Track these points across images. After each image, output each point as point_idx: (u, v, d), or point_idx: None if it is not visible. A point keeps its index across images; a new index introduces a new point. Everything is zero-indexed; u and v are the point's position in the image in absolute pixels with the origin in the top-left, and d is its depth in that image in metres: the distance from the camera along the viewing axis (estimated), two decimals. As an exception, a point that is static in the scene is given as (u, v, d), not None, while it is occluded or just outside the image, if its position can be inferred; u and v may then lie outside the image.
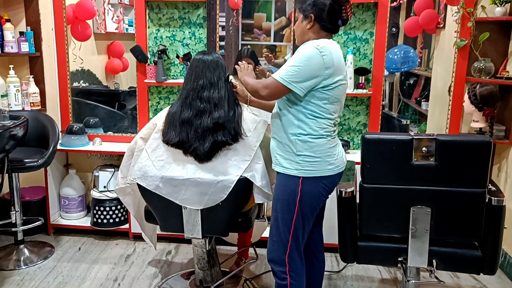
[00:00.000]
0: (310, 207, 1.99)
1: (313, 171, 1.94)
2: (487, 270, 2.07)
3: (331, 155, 1.96)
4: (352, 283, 2.80)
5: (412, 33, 3.44)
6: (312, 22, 1.93)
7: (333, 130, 1.99)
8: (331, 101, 1.92)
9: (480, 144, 1.93)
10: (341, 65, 1.92)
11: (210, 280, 2.54)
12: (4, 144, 2.58)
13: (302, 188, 1.95)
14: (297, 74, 1.85)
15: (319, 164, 1.94)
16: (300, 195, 1.95)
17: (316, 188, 1.96)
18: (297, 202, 1.96)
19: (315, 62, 1.84)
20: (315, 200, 2.00)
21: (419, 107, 3.72)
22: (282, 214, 2.00)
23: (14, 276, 2.80)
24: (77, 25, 3.40)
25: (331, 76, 1.87)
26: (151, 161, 2.19)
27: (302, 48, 1.90)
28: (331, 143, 1.97)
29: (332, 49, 1.88)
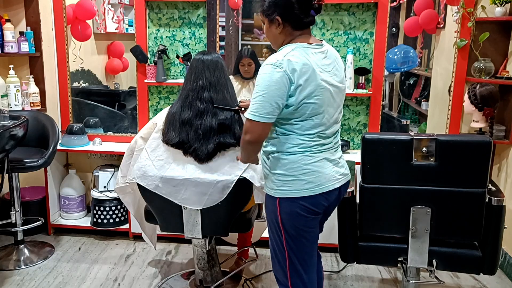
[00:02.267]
0: (294, 228, 1.77)
1: (287, 191, 1.73)
2: (487, 270, 2.07)
3: (308, 173, 1.71)
4: (352, 283, 2.80)
5: (412, 33, 3.44)
6: (281, 24, 1.69)
7: (317, 144, 1.73)
8: (306, 118, 1.68)
9: (480, 144, 1.93)
10: (313, 75, 1.64)
11: (210, 280, 2.54)
12: (4, 144, 2.58)
13: (280, 209, 1.75)
14: (264, 103, 1.61)
15: (293, 183, 1.72)
16: (280, 217, 1.76)
17: (294, 210, 1.74)
18: (280, 224, 1.77)
19: (275, 81, 1.60)
20: (297, 221, 1.76)
21: (419, 107, 3.72)
22: (273, 235, 1.84)
23: (14, 276, 2.80)
24: (77, 25, 3.40)
25: (296, 93, 1.63)
26: (151, 160, 2.19)
27: (261, 69, 1.65)
28: (310, 159, 1.72)
29: (296, 58, 1.62)
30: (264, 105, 1.61)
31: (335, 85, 1.74)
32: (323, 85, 1.67)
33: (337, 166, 1.81)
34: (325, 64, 1.71)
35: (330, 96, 1.72)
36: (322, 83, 1.67)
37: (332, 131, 1.78)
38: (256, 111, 1.63)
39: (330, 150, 1.78)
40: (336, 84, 1.74)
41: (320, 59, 1.69)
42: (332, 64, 1.74)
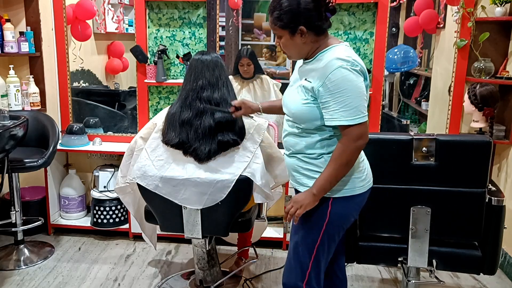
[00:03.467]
0: (338, 229, 1.79)
1: (345, 189, 1.73)
2: (487, 270, 2.07)
3: (361, 170, 1.77)
4: (352, 283, 2.80)
5: (412, 33, 3.44)
6: (305, 33, 1.65)
7: None
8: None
9: (480, 144, 1.93)
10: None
11: (210, 280, 2.54)
12: (4, 144, 2.58)
13: (331, 209, 1.73)
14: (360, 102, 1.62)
15: (350, 182, 1.74)
16: (328, 217, 1.74)
17: (346, 209, 1.77)
18: (324, 225, 1.75)
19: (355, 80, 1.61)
20: (345, 222, 1.80)
21: (419, 107, 3.72)
22: (304, 237, 1.79)
23: (14, 276, 2.80)
24: (77, 25, 3.40)
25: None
26: (151, 160, 2.19)
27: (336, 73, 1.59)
28: (361, 157, 1.78)
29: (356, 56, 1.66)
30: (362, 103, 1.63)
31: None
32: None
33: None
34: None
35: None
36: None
37: None
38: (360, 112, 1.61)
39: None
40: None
41: None
42: None
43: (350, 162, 1.67)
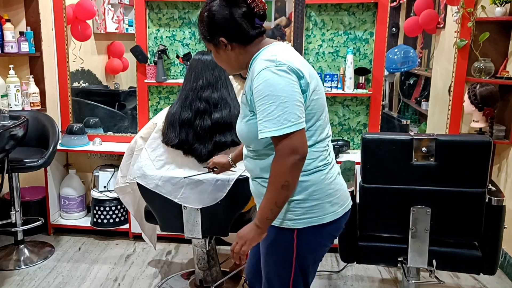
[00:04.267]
0: (312, 262, 1.58)
1: (312, 218, 1.49)
2: (487, 270, 2.07)
3: (331, 193, 1.51)
4: (352, 283, 2.80)
5: (412, 33, 3.44)
6: (228, 45, 1.48)
7: (328, 156, 1.54)
8: (316, 120, 1.48)
9: (480, 144, 1.93)
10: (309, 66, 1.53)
11: (210, 280, 2.54)
12: (4, 144, 2.58)
13: (297, 242, 1.50)
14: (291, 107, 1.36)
15: (318, 208, 1.49)
16: (295, 251, 1.51)
17: (316, 240, 1.53)
18: (292, 260, 1.52)
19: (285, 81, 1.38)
20: (317, 253, 1.58)
21: (419, 107, 3.72)
22: (278, 276, 1.58)
23: (14, 276, 2.80)
24: (77, 25, 3.40)
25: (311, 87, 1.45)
26: (151, 160, 2.19)
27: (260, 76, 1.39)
28: (330, 177, 1.52)
29: (291, 54, 1.47)
30: (292, 109, 1.36)
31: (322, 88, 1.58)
32: (314, 75, 1.52)
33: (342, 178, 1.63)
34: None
35: (323, 99, 1.54)
36: (312, 71, 1.52)
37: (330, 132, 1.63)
38: (287, 121, 1.35)
39: (335, 161, 1.59)
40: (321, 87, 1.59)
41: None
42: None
43: (289, 184, 1.39)
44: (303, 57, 3.13)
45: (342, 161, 2.75)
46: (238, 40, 1.49)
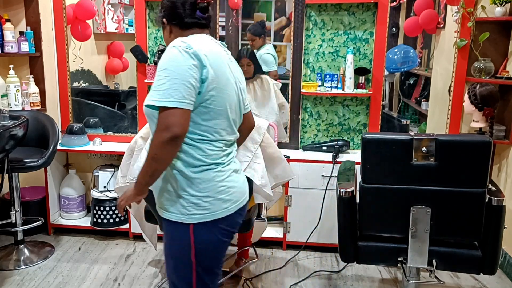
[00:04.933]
0: (211, 259, 1.58)
1: (203, 214, 1.51)
2: (487, 270, 2.07)
3: (222, 190, 1.53)
4: (352, 283, 2.80)
5: (412, 33, 3.44)
6: (168, 26, 1.62)
7: (225, 154, 1.57)
8: (213, 117, 1.50)
9: (480, 144, 1.93)
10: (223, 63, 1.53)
11: (210, 280, 2.53)
12: (4, 144, 2.58)
13: (195, 238, 1.51)
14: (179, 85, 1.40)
15: (210, 205, 1.51)
16: (194, 248, 1.52)
17: (213, 235, 1.54)
18: (192, 257, 1.54)
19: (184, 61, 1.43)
20: (217, 249, 1.59)
21: (419, 107, 3.72)
22: (178, 274, 1.59)
23: (14, 276, 2.80)
24: (77, 25, 3.40)
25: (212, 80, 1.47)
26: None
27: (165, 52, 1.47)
28: (222, 174, 1.54)
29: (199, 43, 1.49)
30: (179, 87, 1.39)
31: (241, 87, 1.64)
32: (230, 80, 1.55)
33: (243, 176, 1.69)
34: (231, 62, 1.63)
35: (236, 96, 1.59)
36: (229, 77, 1.55)
37: (235, 138, 1.65)
38: (169, 95, 1.38)
39: (234, 160, 1.65)
40: (240, 86, 1.64)
41: (226, 54, 1.61)
42: (236, 68, 1.66)
43: (158, 158, 1.41)
44: (303, 57, 3.16)
45: (342, 161, 2.75)
46: (175, 24, 1.61)
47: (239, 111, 1.66)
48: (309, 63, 3.24)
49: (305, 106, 3.29)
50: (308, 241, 3.07)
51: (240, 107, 1.66)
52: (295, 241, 3.12)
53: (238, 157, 2.16)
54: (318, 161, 3.01)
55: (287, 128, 3.30)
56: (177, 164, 1.50)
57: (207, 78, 1.45)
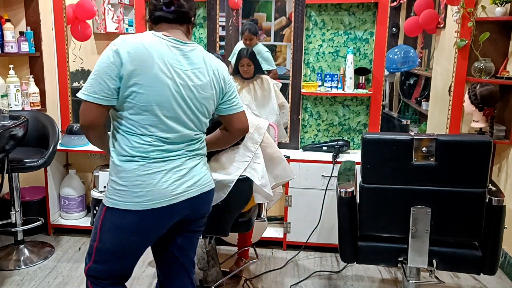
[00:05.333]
0: (112, 243, 1.64)
1: (116, 201, 1.58)
2: (487, 270, 2.06)
3: (138, 185, 1.56)
4: (352, 283, 2.80)
5: (412, 33, 3.44)
6: (147, 22, 1.74)
7: (158, 150, 1.59)
8: (138, 112, 1.56)
9: (480, 144, 1.93)
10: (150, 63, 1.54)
11: (210, 280, 2.53)
12: (4, 144, 2.58)
13: (103, 218, 1.62)
14: (93, 81, 1.52)
15: (125, 194, 1.57)
16: (101, 224, 1.63)
17: (119, 222, 1.60)
18: (98, 229, 1.64)
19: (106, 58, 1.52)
20: (119, 239, 1.62)
21: (419, 107, 3.72)
22: (90, 242, 1.71)
23: (14, 276, 2.80)
24: (77, 25, 3.40)
25: (130, 77, 1.52)
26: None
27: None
28: (146, 169, 1.57)
29: (130, 41, 1.54)
30: (93, 83, 1.52)
31: (187, 86, 1.61)
32: (161, 78, 1.55)
33: (185, 177, 1.65)
34: (178, 60, 1.61)
35: (171, 94, 1.58)
36: (160, 75, 1.55)
37: (183, 138, 1.64)
38: (85, 89, 1.54)
39: (179, 159, 1.64)
40: (189, 85, 1.62)
41: (173, 53, 1.60)
42: (192, 66, 1.64)
43: (87, 138, 1.68)
44: (303, 57, 3.16)
45: (342, 161, 2.75)
46: (148, 19, 1.72)
47: (185, 109, 1.62)
48: (309, 63, 3.24)
49: (305, 106, 3.29)
50: (308, 241, 3.07)
51: (186, 105, 1.62)
52: (295, 241, 3.12)
53: (238, 157, 2.17)
54: (318, 161, 3.01)
55: (287, 128, 3.30)
56: (111, 151, 1.64)
57: (123, 75, 1.52)
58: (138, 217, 1.59)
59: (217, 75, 1.71)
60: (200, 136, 1.74)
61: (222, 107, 1.78)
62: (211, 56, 1.74)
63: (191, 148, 1.69)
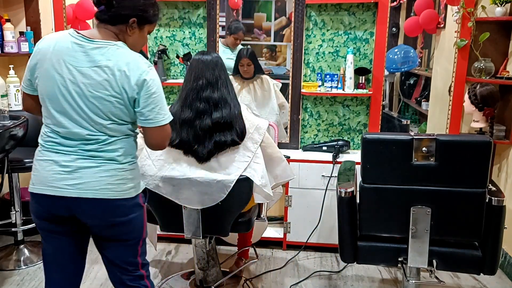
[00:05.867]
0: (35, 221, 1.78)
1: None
2: (487, 270, 2.07)
3: (34, 169, 1.69)
4: (352, 283, 2.80)
5: (412, 33, 3.44)
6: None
7: (51, 141, 1.67)
8: (41, 101, 1.68)
9: (480, 144, 1.93)
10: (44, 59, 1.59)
11: (210, 280, 2.54)
12: (4, 144, 2.58)
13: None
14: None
15: (32, 174, 1.71)
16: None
17: (30, 204, 1.73)
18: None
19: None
20: (33, 216, 1.76)
21: (419, 107, 3.72)
22: None
23: (14, 276, 2.80)
24: (77, 25, 3.39)
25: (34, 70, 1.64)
26: (151, 160, 2.19)
27: None
28: (39, 155, 1.69)
29: (47, 38, 1.65)
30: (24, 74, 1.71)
31: (77, 82, 1.57)
32: (50, 73, 1.59)
33: (69, 174, 1.62)
34: (75, 57, 1.58)
35: (57, 89, 1.58)
36: (50, 70, 1.58)
37: (75, 135, 1.62)
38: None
39: (69, 155, 1.63)
40: (78, 82, 1.57)
41: (72, 50, 1.58)
42: (92, 64, 1.58)
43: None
44: (303, 57, 3.16)
45: (342, 161, 2.75)
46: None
47: (73, 105, 1.60)
48: (309, 63, 3.24)
49: (305, 106, 3.29)
50: (308, 241, 3.07)
51: (74, 101, 1.60)
52: (295, 241, 3.12)
53: (238, 157, 2.17)
54: (318, 161, 3.01)
55: (287, 128, 3.30)
56: None
57: (30, 68, 1.66)
58: (33, 201, 1.71)
59: (122, 78, 1.57)
60: (99, 138, 1.62)
61: (138, 116, 1.64)
62: (129, 59, 1.59)
63: (86, 148, 1.62)
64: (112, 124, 1.62)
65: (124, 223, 1.70)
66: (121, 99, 1.59)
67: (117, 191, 1.65)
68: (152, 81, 1.60)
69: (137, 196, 1.72)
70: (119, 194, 1.66)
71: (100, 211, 1.66)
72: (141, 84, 1.58)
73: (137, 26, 1.66)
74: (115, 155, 1.64)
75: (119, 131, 1.65)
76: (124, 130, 1.66)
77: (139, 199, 1.74)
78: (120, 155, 1.65)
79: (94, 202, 1.64)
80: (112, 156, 1.64)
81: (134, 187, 1.70)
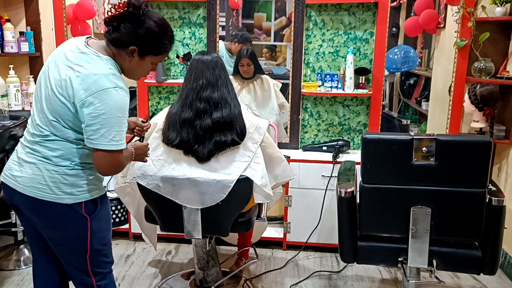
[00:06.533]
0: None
1: None
2: (487, 270, 2.06)
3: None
4: (352, 283, 2.80)
5: (412, 33, 3.44)
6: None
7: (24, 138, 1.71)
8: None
9: (480, 144, 1.93)
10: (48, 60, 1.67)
11: (210, 280, 2.54)
12: (4, 144, 2.58)
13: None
14: None
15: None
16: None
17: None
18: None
19: None
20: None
21: (419, 107, 3.72)
22: None
23: (14, 276, 2.80)
24: (77, 25, 3.39)
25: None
26: (151, 160, 2.19)
27: None
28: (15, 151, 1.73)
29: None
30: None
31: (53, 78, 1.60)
32: (41, 76, 1.68)
33: (17, 166, 1.66)
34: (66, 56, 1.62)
35: (42, 94, 1.63)
36: (46, 72, 1.65)
37: (34, 128, 1.65)
38: None
39: (22, 146, 1.69)
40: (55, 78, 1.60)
41: (69, 50, 1.62)
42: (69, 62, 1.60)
43: None
44: (303, 57, 3.16)
45: (342, 161, 2.75)
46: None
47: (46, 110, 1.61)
48: (309, 63, 3.24)
49: (305, 106, 3.29)
50: (308, 241, 3.07)
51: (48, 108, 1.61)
52: (295, 241, 3.12)
53: (238, 157, 2.17)
54: (318, 161, 3.01)
55: (287, 128, 3.30)
56: None
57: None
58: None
59: (78, 85, 1.55)
60: (43, 132, 1.62)
61: (84, 133, 1.58)
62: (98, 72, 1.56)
63: (34, 140, 1.64)
64: (56, 122, 1.60)
65: (53, 227, 1.68)
66: (68, 101, 1.56)
67: (45, 193, 1.62)
68: (106, 101, 1.52)
69: (77, 205, 1.65)
70: (47, 196, 1.62)
71: (28, 208, 1.67)
72: (92, 100, 1.52)
73: (138, 55, 1.65)
74: (50, 154, 1.62)
75: (62, 132, 1.61)
76: (69, 135, 1.61)
77: (81, 209, 1.66)
78: (56, 156, 1.62)
79: (24, 198, 1.64)
80: (48, 155, 1.62)
81: (71, 194, 1.64)
